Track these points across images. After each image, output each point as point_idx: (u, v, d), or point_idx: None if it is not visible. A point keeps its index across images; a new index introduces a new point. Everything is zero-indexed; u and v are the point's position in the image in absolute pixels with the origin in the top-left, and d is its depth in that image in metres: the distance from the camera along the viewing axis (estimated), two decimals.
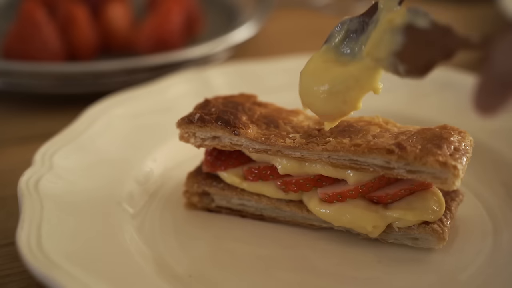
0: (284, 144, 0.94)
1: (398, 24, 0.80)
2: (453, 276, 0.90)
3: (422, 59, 0.79)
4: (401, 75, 0.82)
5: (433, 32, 0.77)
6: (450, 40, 0.76)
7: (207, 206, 1.04)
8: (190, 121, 0.99)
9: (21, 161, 1.09)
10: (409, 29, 0.79)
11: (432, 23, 0.77)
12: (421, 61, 0.79)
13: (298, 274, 0.92)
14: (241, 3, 1.84)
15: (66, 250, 0.88)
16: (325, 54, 0.92)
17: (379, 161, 0.90)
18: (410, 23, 0.79)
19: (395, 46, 0.81)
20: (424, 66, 0.79)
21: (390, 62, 0.82)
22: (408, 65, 0.80)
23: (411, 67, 0.80)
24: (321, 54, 0.92)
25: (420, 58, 0.79)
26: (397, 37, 0.80)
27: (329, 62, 0.90)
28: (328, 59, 0.91)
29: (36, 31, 1.45)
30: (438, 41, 0.77)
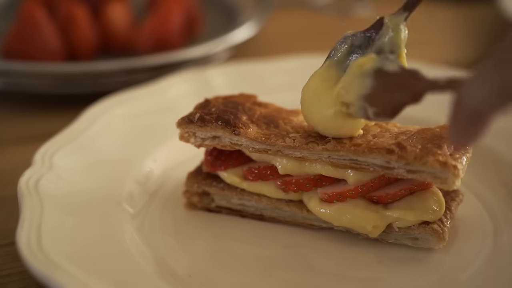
0: (284, 144, 0.94)
1: (368, 69, 0.83)
2: (453, 276, 0.90)
3: (391, 102, 0.82)
4: (370, 119, 0.85)
5: (401, 76, 0.80)
6: (418, 83, 0.79)
7: (207, 206, 1.04)
8: (190, 120, 0.99)
9: (21, 161, 1.09)
10: (378, 73, 0.82)
11: (400, 67, 0.81)
12: (390, 104, 0.82)
13: (298, 274, 0.92)
14: (241, 3, 1.84)
15: (66, 250, 0.88)
16: (327, 71, 0.92)
17: (379, 161, 0.90)
18: (380, 68, 0.82)
19: (364, 90, 0.84)
20: (393, 109, 0.82)
21: (359, 106, 0.85)
22: (377, 108, 0.83)
23: (380, 110, 0.83)
24: (322, 71, 0.93)
25: (389, 101, 0.82)
26: (366, 81, 0.83)
27: (329, 81, 0.91)
28: (329, 77, 0.91)
29: (36, 31, 1.45)
30: (407, 84, 0.80)
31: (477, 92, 0.64)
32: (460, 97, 0.66)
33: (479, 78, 0.64)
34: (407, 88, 0.80)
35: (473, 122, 0.66)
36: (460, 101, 0.66)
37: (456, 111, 0.67)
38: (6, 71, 1.40)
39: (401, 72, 0.81)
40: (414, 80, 0.79)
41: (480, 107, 0.64)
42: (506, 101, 0.62)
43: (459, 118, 0.67)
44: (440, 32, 1.90)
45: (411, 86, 0.79)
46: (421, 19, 1.85)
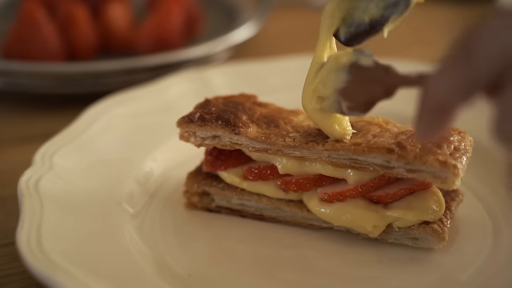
0: (284, 143, 0.94)
1: (344, 63, 0.84)
2: (453, 276, 0.90)
3: (364, 96, 0.83)
4: (344, 113, 0.86)
5: (375, 71, 0.81)
6: (390, 78, 0.80)
7: (207, 206, 1.04)
8: (190, 120, 0.99)
9: (21, 161, 1.09)
10: (353, 67, 0.83)
11: (375, 62, 0.81)
12: (363, 98, 0.83)
13: (298, 274, 0.92)
14: (241, 3, 1.84)
15: (66, 250, 0.88)
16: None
17: (379, 160, 0.90)
18: (355, 62, 0.83)
19: (339, 84, 0.85)
20: (366, 103, 0.83)
21: (334, 100, 0.85)
22: (351, 102, 0.84)
23: (354, 104, 0.84)
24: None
25: (362, 95, 0.83)
26: (342, 75, 0.84)
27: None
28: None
29: (36, 31, 1.45)
30: (380, 79, 0.80)
31: (441, 85, 0.64)
32: (425, 90, 0.67)
33: (444, 71, 0.64)
34: (380, 83, 0.81)
35: (437, 114, 0.66)
36: (425, 93, 0.67)
37: (422, 104, 0.67)
38: (6, 71, 1.40)
39: (375, 67, 0.81)
40: (387, 74, 0.80)
41: (444, 99, 0.65)
42: (470, 93, 0.63)
43: (424, 111, 0.67)
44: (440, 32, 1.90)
45: (384, 81, 0.80)
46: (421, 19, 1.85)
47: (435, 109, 0.66)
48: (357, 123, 0.97)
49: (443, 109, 0.66)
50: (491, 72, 0.60)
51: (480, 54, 0.60)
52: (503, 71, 0.59)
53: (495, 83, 0.60)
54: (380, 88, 0.81)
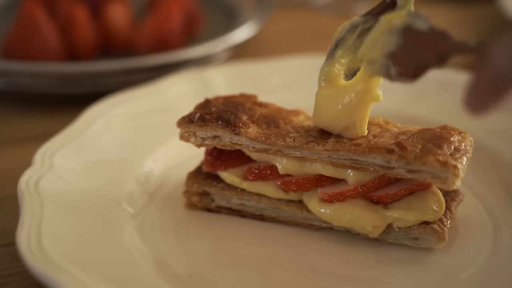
0: (284, 143, 0.94)
1: (397, 25, 0.80)
2: (453, 276, 0.90)
3: (415, 62, 0.79)
4: (392, 79, 0.82)
5: (430, 35, 0.77)
6: (446, 44, 0.76)
7: (207, 206, 1.04)
8: (190, 120, 0.99)
9: (21, 161, 1.09)
10: (407, 31, 0.79)
11: (430, 27, 0.77)
12: (414, 63, 0.79)
13: (298, 274, 0.92)
14: (241, 3, 1.84)
15: (66, 250, 0.88)
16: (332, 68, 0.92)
17: (379, 161, 0.90)
18: (409, 25, 0.79)
19: (390, 47, 0.81)
20: (417, 69, 0.79)
21: (382, 63, 0.82)
22: (401, 67, 0.80)
23: (403, 69, 0.80)
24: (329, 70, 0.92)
25: (413, 61, 0.79)
26: (393, 38, 0.80)
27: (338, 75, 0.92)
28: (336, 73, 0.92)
29: (36, 31, 1.45)
30: (434, 45, 0.77)
31: (502, 56, 0.63)
32: (485, 61, 0.65)
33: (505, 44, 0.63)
34: (434, 49, 0.77)
35: (496, 86, 0.65)
36: (485, 64, 0.65)
37: (480, 75, 0.65)
38: (6, 71, 1.40)
39: (430, 32, 0.78)
40: (443, 41, 0.76)
41: (505, 70, 0.63)
42: None
43: (481, 82, 0.65)
44: None
45: (438, 47, 0.77)
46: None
47: (495, 81, 0.64)
48: None
49: (502, 81, 0.64)
50: None
51: None
52: None
53: None
54: (433, 54, 0.77)
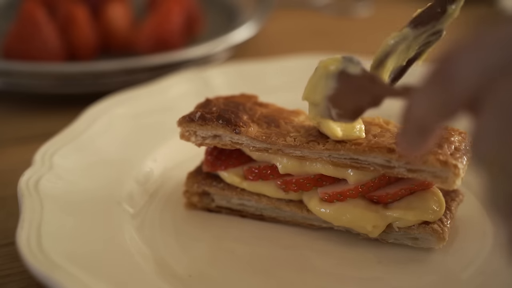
0: (285, 142, 0.94)
1: (332, 70, 0.84)
2: (453, 276, 0.90)
3: (352, 104, 0.82)
4: (333, 119, 0.86)
5: (362, 79, 0.81)
6: (376, 88, 0.79)
7: (207, 206, 1.04)
8: (191, 119, 0.99)
9: (21, 161, 1.09)
10: (341, 75, 0.83)
11: (362, 71, 0.81)
12: (351, 106, 0.83)
13: (298, 274, 0.92)
14: (241, 3, 1.84)
15: (66, 250, 0.88)
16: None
17: (380, 160, 0.90)
18: (343, 70, 0.83)
19: (328, 91, 0.84)
20: (354, 111, 0.82)
21: (324, 106, 0.86)
22: (340, 109, 0.84)
23: (342, 112, 0.84)
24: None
25: (350, 103, 0.83)
26: (330, 82, 0.84)
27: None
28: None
29: (36, 31, 1.45)
30: (367, 88, 0.80)
31: (421, 105, 0.64)
32: (407, 108, 0.66)
33: (423, 92, 0.64)
34: (367, 92, 0.80)
35: (420, 131, 0.66)
36: (407, 111, 0.66)
37: (405, 120, 0.67)
38: (6, 71, 1.40)
39: (362, 76, 0.81)
40: (373, 84, 0.79)
41: (425, 119, 0.65)
42: (449, 113, 0.63)
43: (407, 127, 0.67)
44: None
45: (370, 90, 0.80)
46: None
47: (418, 127, 0.66)
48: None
49: (424, 128, 0.66)
50: (466, 94, 0.60)
51: (455, 76, 0.60)
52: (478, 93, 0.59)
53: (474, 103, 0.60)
54: (367, 97, 0.80)
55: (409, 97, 0.66)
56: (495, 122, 0.56)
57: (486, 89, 0.58)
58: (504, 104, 0.56)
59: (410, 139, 0.68)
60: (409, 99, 0.66)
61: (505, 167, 0.55)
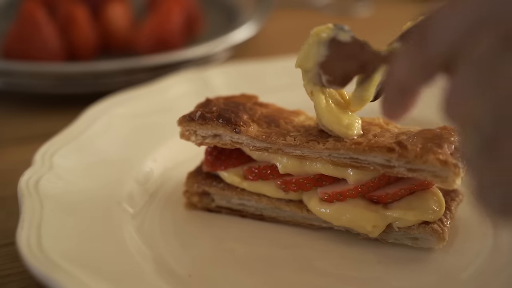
0: (285, 142, 0.94)
1: (324, 37, 0.87)
2: (453, 276, 0.90)
3: (341, 71, 0.86)
4: (324, 86, 0.89)
5: (352, 46, 0.84)
6: (365, 54, 0.83)
7: (207, 206, 1.04)
8: (191, 119, 0.99)
9: (21, 161, 1.09)
10: (332, 42, 0.87)
11: (352, 38, 0.85)
12: (340, 72, 0.87)
13: (298, 274, 0.91)
14: (241, 3, 1.84)
15: (66, 250, 0.88)
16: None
17: (380, 159, 0.90)
18: (334, 37, 0.86)
19: (320, 57, 0.88)
20: (343, 77, 0.87)
21: (315, 72, 0.89)
22: (330, 76, 0.88)
23: (332, 78, 0.88)
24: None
25: (339, 70, 0.87)
26: (322, 49, 0.87)
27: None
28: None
29: (36, 31, 1.45)
30: (356, 55, 0.84)
31: (402, 66, 0.66)
32: (389, 70, 0.69)
33: (404, 53, 0.66)
34: (355, 58, 0.84)
35: (401, 94, 0.69)
36: (389, 73, 0.69)
37: (387, 84, 0.69)
38: (6, 71, 1.40)
39: (352, 43, 0.84)
40: (362, 51, 0.83)
41: (405, 79, 0.67)
42: (427, 74, 0.65)
43: (389, 91, 0.70)
44: None
45: (359, 57, 0.84)
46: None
47: (399, 89, 0.68)
48: None
49: (405, 89, 0.68)
50: (442, 56, 0.62)
51: (431, 39, 0.62)
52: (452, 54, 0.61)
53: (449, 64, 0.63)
54: (355, 64, 0.84)
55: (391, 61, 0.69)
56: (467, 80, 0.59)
57: (460, 49, 0.60)
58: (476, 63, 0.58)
59: (392, 102, 0.70)
60: (390, 63, 0.69)
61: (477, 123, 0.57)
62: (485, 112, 0.56)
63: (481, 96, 0.57)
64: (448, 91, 0.61)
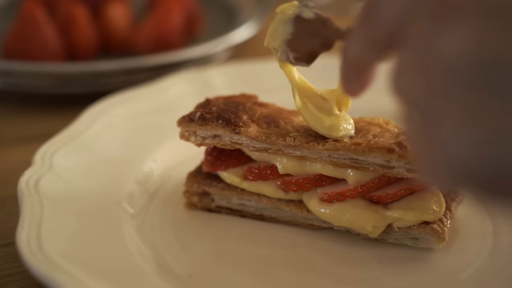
0: (284, 142, 0.94)
1: (288, 15, 0.87)
2: (453, 276, 0.90)
3: (306, 48, 0.86)
4: (292, 63, 0.89)
5: (315, 23, 0.84)
6: (327, 31, 0.83)
7: (207, 206, 1.04)
8: (190, 119, 0.99)
9: (21, 161, 1.09)
10: (297, 19, 0.86)
11: (315, 15, 0.85)
12: (306, 49, 0.86)
13: (298, 274, 0.92)
14: (241, 3, 1.84)
15: (66, 250, 0.88)
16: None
17: (380, 160, 0.90)
18: (299, 14, 0.86)
19: (285, 35, 0.87)
20: (308, 54, 0.86)
21: (283, 50, 0.89)
22: (296, 53, 0.87)
23: (298, 55, 0.87)
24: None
25: (305, 47, 0.86)
26: (287, 27, 0.87)
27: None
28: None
29: (36, 31, 1.45)
30: (319, 32, 0.84)
31: (354, 42, 0.67)
32: (344, 47, 0.69)
33: (355, 30, 0.67)
34: (318, 36, 0.84)
35: (356, 71, 0.69)
36: (344, 50, 0.69)
37: (342, 60, 0.70)
38: (6, 71, 1.40)
39: (315, 20, 0.85)
40: (324, 28, 0.83)
41: (357, 56, 0.67)
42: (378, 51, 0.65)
43: (344, 68, 0.70)
44: None
45: (322, 34, 0.83)
46: None
47: (352, 66, 0.69)
48: (358, 124, 0.97)
49: (358, 66, 0.69)
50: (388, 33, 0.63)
51: (379, 15, 0.63)
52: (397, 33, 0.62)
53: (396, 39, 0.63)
54: (319, 40, 0.84)
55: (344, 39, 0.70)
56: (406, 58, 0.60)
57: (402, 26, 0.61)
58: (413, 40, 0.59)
59: (348, 79, 0.71)
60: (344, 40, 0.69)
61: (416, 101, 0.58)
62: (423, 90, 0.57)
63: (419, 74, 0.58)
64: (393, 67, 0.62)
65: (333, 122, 0.93)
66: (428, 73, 0.57)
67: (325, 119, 0.93)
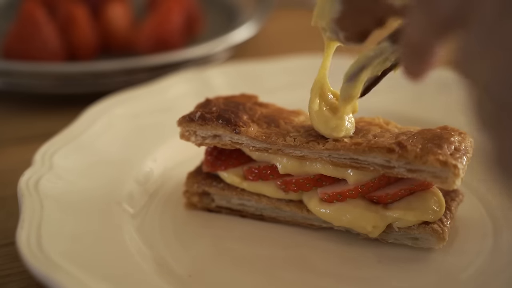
0: (284, 142, 0.94)
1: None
2: (453, 276, 0.90)
3: (358, 27, 0.83)
4: (343, 43, 0.87)
5: (365, 0, 0.81)
6: (379, 8, 0.79)
7: (207, 206, 1.04)
8: (191, 119, 0.99)
9: (21, 161, 1.09)
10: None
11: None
12: (356, 28, 0.83)
13: (298, 274, 0.91)
14: (241, 3, 1.84)
15: (66, 250, 0.88)
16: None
17: (380, 160, 0.90)
18: None
19: (334, 14, 0.85)
20: (361, 33, 0.83)
21: (332, 29, 0.86)
22: (347, 32, 0.85)
23: (349, 34, 0.85)
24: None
25: (355, 26, 0.84)
26: (336, 5, 0.84)
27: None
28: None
29: (36, 31, 1.45)
30: (370, 8, 0.81)
31: (413, 25, 0.66)
32: (404, 31, 0.68)
33: (413, 12, 0.65)
34: (370, 13, 0.81)
35: (418, 54, 0.68)
36: (404, 34, 0.68)
37: (403, 43, 0.68)
38: (6, 71, 1.40)
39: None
40: (376, 4, 0.80)
41: (419, 39, 0.66)
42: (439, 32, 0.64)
43: (405, 51, 0.69)
44: None
45: (373, 11, 0.80)
46: None
47: (413, 49, 0.67)
48: (358, 124, 0.97)
49: (420, 49, 0.67)
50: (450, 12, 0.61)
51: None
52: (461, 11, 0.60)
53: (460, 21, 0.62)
54: (371, 18, 0.81)
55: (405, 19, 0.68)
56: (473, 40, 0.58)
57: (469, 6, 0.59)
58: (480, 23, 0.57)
59: (410, 62, 0.69)
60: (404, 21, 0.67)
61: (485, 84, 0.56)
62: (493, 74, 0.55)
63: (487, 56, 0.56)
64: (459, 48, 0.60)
65: (338, 122, 0.93)
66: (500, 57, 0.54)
67: (332, 119, 0.93)
